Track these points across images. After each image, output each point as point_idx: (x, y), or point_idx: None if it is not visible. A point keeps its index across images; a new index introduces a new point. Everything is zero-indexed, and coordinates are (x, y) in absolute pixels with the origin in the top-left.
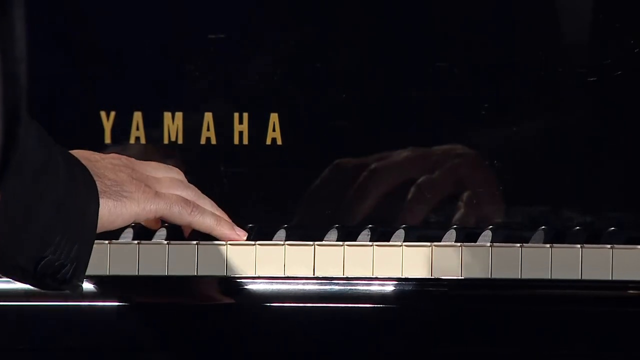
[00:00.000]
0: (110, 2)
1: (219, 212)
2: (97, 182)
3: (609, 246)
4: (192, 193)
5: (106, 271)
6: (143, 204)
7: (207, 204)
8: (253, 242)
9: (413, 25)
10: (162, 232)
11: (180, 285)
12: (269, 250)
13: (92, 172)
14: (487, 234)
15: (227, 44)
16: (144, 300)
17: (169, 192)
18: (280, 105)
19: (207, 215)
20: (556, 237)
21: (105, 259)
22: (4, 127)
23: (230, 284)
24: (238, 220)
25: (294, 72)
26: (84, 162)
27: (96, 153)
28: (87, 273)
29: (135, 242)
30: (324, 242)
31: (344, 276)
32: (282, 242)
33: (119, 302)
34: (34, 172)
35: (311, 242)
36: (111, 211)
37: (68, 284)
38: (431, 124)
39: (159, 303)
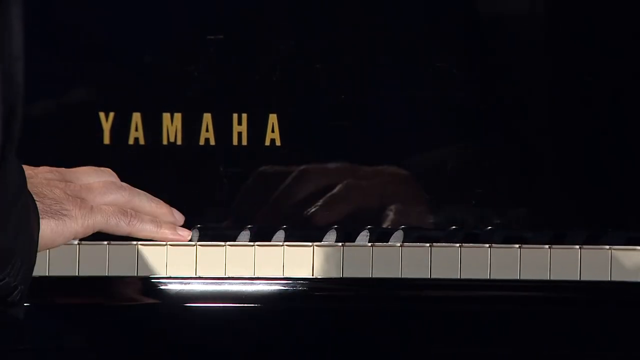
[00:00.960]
0: (111, 2)
1: (157, 204)
2: (37, 202)
3: (607, 247)
4: (126, 193)
5: (106, 272)
6: (81, 220)
7: (144, 199)
8: (252, 244)
9: (413, 26)
10: None
11: (180, 286)
12: (267, 251)
13: (31, 191)
14: (485, 234)
15: (226, 44)
16: (143, 301)
17: (103, 199)
18: (279, 106)
19: (146, 222)
20: (555, 237)
21: (105, 260)
22: (2, 124)
23: (230, 285)
24: (237, 221)
25: (293, 72)
26: None
27: (29, 167)
28: (89, 274)
29: (135, 243)
30: (322, 243)
31: (342, 277)
32: (281, 243)
33: (118, 303)
34: (16, 188)
35: (310, 243)
36: (53, 230)
37: (16, 307)
38: (431, 125)
39: (158, 304)
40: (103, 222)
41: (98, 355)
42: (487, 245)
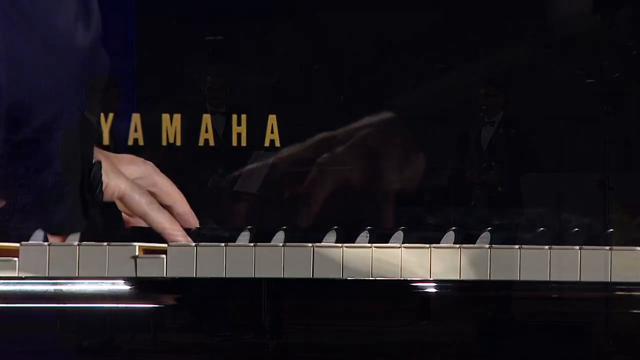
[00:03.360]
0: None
1: (176, 189)
2: None
3: (607, 248)
4: (149, 167)
5: (105, 272)
6: (112, 175)
7: (165, 178)
8: (252, 244)
9: (412, 27)
10: None
11: (179, 287)
12: (268, 252)
13: None
14: (485, 236)
15: (227, 45)
16: (144, 302)
17: (128, 167)
18: (278, 107)
19: (164, 213)
20: (555, 238)
21: (104, 261)
22: None
23: (230, 285)
24: (237, 222)
25: (293, 73)
26: None
27: None
28: (87, 274)
29: (136, 244)
30: (322, 244)
31: (343, 277)
32: (281, 244)
33: (117, 304)
34: None
35: (310, 244)
36: None
37: (97, 207)
38: (432, 125)
39: (158, 305)
40: (128, 190)
41: (178, 354)
42: (487, 246)
